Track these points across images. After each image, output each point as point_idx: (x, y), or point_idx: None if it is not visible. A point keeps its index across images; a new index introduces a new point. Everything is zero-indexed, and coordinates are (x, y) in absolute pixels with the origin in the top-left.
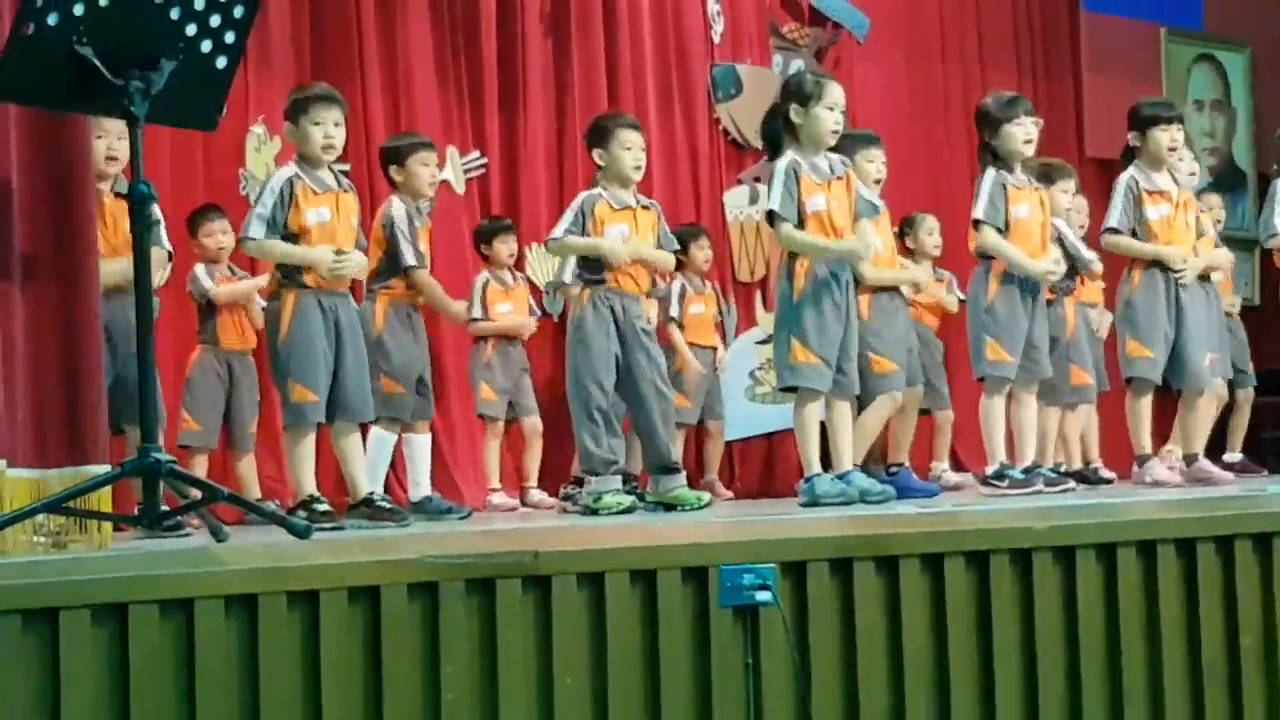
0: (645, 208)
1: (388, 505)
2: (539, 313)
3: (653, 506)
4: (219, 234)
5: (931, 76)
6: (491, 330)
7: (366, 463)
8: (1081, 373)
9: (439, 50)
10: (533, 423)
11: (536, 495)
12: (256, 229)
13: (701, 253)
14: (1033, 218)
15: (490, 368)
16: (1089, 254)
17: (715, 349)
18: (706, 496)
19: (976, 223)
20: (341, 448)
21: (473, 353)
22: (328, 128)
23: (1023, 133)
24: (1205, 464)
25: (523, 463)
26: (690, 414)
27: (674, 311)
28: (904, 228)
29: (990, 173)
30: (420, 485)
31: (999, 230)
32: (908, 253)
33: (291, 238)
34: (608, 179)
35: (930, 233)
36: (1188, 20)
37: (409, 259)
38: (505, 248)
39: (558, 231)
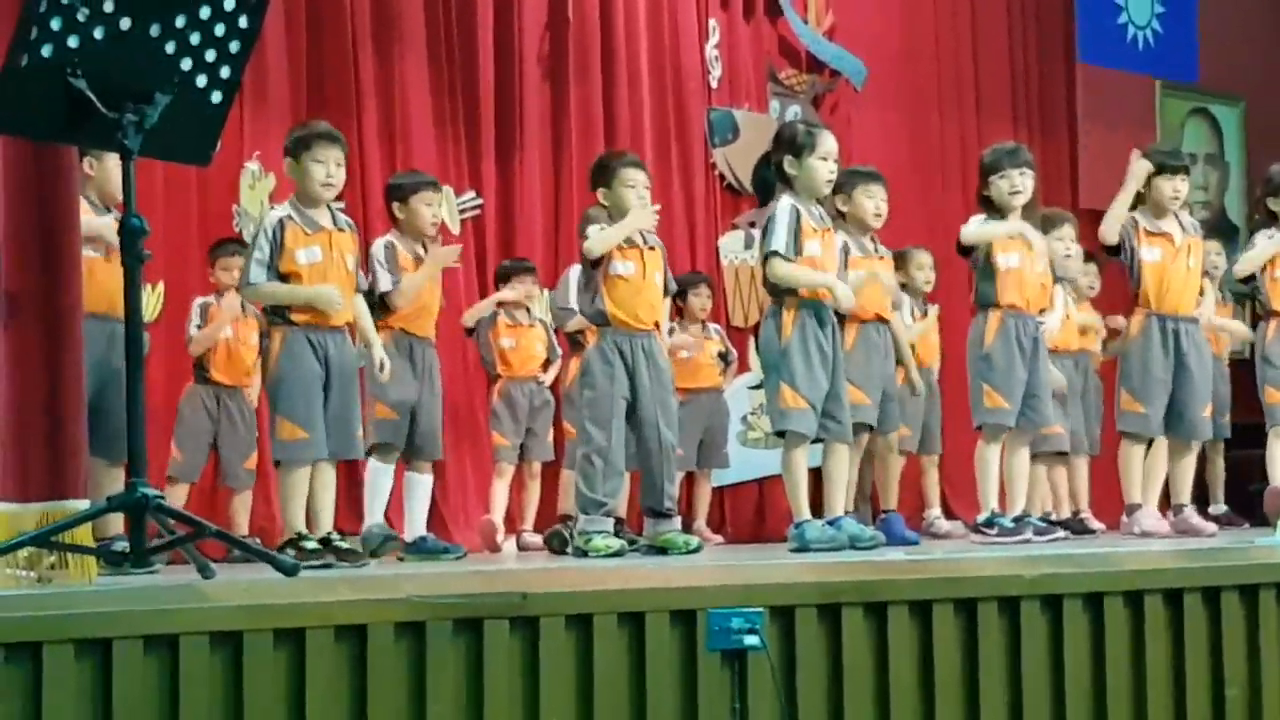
0: (652, 248)
1: (345, 546)
2: (559, 353)
3: (644, 550)
4: (235, 270)
5: (928, 125)
6: (474, 317)
7: (366, 495)
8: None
9: (436, 90)
10: (532, 467)
11: (528, 538)
12: (256, 274)
13: (698, 300)
14: (1024, 266)
15: (497, 415)
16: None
17: (714, 390)
18: (696, 541)
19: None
20: (295, 483)
21: (490, 395)
22: (329, 167)
23: (1007, 185)
24: (1191, 514)
25: (520, 504)
26: (684, 461)
27: None
28: (895, 261)
29: (979, 216)
30: (416, 525)
31: (973, 264)
32: (900, 287)
33: (284, 279)
34: (613, 218)
35: (920, 267)
36: (1183, 74)
37: (381, 284)
38: (521, 288)
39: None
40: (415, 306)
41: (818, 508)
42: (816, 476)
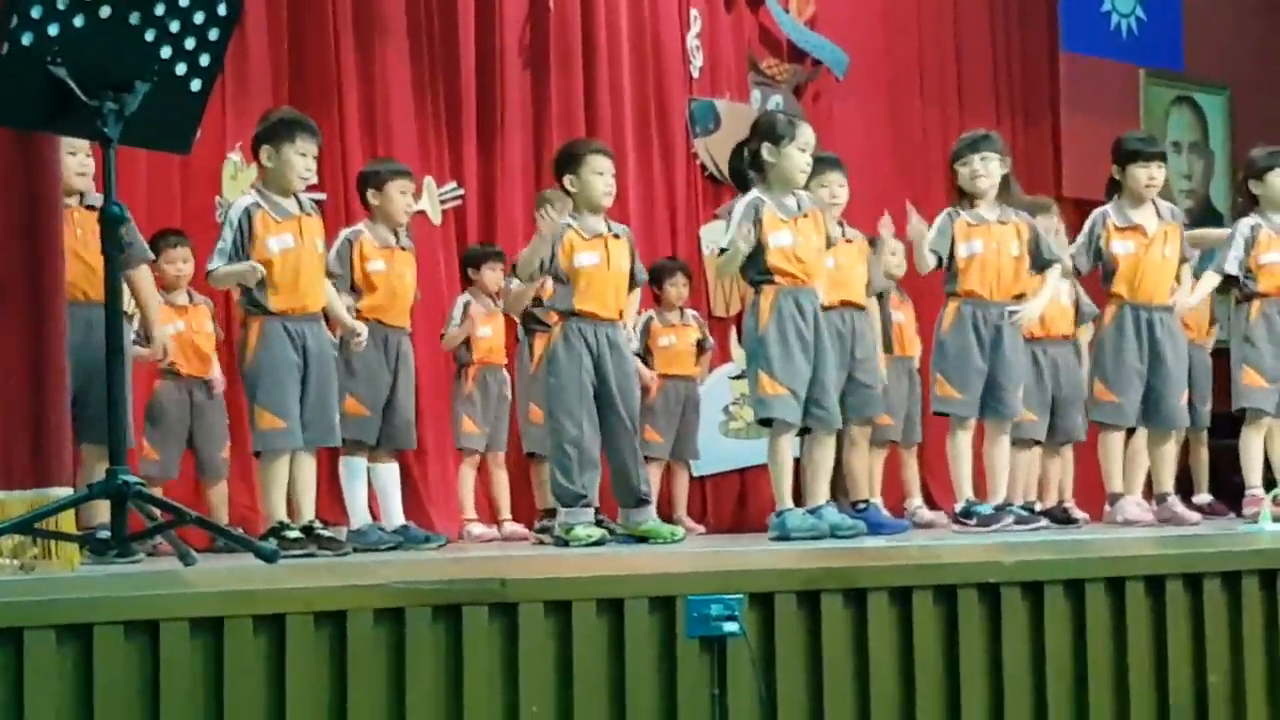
0: (616, 236)
1: (327, 535)
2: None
3: (624, 539)
4: (179, 261)
5: (910, 114)
6: (460, 339)
7: (346, 493)
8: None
9: (417, 80)
10: (497, 457)
11: (510, 527)
12: (217, 262)
13: (674, 289)
14: (989, 252)
15: (471, 400)
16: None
17: (690, 379)
18: (681, 531)
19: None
20: (275, 472)
21: (454, 384)
22: (309, 160)
23: (969, 172)
24: (1174, 503)
25: (493, 495)
26: (661, 448)
27: (636, 345)
28: (871, 244)
29: (944, 211)
30: (393, 515)
31: (938, 259)
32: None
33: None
34: (578, 206)
35: (894, 253)
36: (1167, 62)
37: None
38: (493, 275)
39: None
40: (388, 297)
41: (798, 498)
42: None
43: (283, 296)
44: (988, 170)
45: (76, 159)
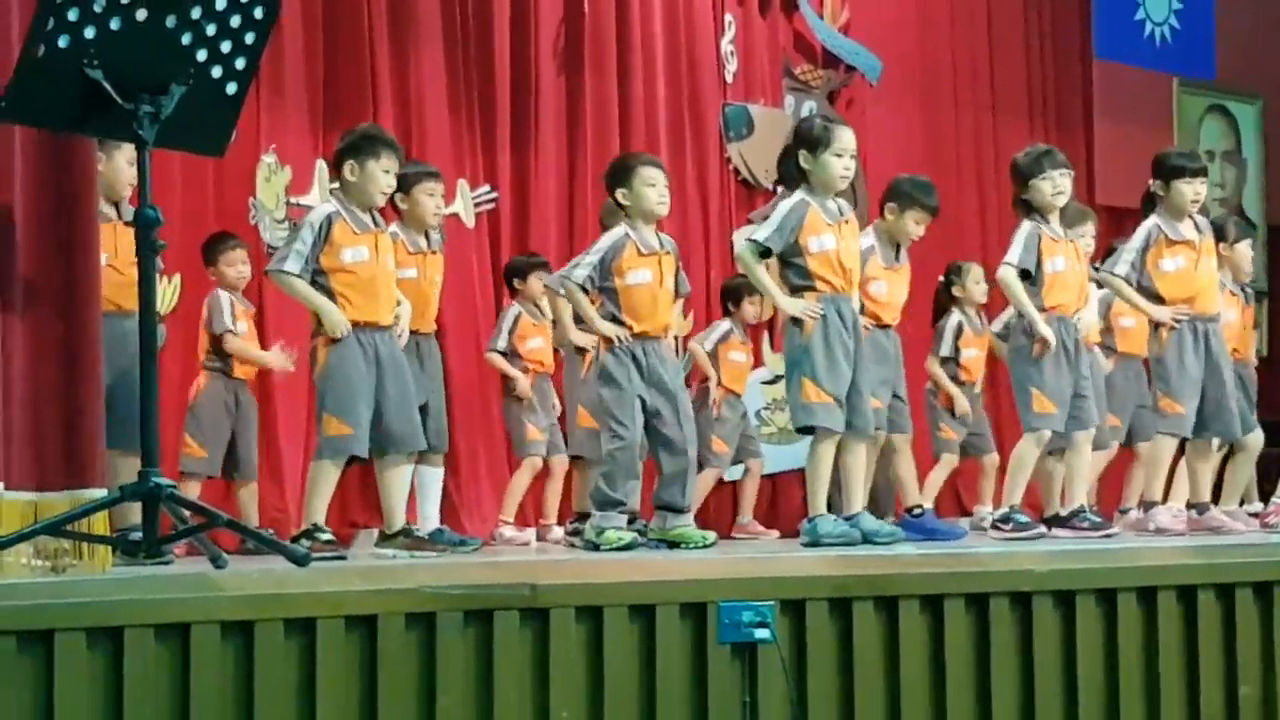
0: (667, 253)
1: (423, 536)
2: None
3: (656, 544)
4: (239, 264)
5: (943, 121)
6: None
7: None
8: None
9: (452, 83)
10: (561, 460)
11: (556, 532)
12: (294, 263)
13: (753, 307)
14: (1069, 269)
15: (533, 408)
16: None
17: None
18: (712, 536)
19: (1008, 267)
20: (386, 480)
21: (507, 392)
22: (390, 177)
23: (1050, 186)
24: (1217, 513)
25: (543, 498)
26: (724, 458)
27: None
28: (950, 275)
29: (1026, 224)
30: (430, 518)
31: (1026, 275)
32: (953, 300)
33: (322, 273)
34: (632, 217)
35: (978, 281)
36: (1200, 71)
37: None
38: (538, 283)
39: (579, 274)
40: (419, 304)
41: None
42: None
43: (356, 308)
44: (1066, 186)
45: (133, 169)
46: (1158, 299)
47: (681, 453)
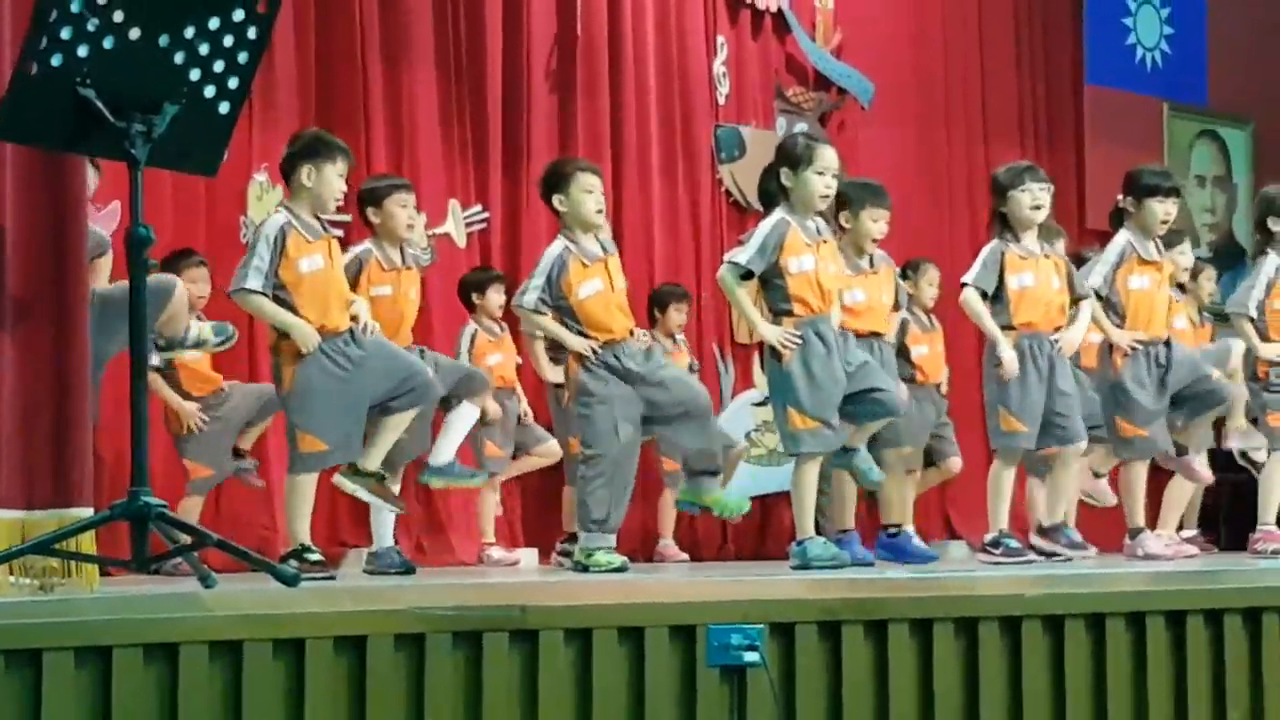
0: (612, 255)
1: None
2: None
3: (689, 506)
4: (200, 281)
5: (935, 144)
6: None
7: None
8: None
9: (444, 103)
10: (548, 448)
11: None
12: (255, 280)
13: (679, 315)
14: (1040, 286)
15: (491, 424)
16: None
17: None
18: (747, 504)
19: (966, 287)
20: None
21: None
22: (343, 183)
23: (1029, 198)
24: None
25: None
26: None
27: None
28: (905, 271)
29: (992, 242)
30: (446, 451)
31: (983, 295)
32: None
33: (282, 287)
34: (570, 226)
35: (931, 284)
36: (1191, 96)
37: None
38: (497, 297)
39: (529, 300)
40: (393, 321)
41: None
42: None
43: (313, 317)
44: (1045, 200)
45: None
46: (1120, 316)
47: (701, 415)
